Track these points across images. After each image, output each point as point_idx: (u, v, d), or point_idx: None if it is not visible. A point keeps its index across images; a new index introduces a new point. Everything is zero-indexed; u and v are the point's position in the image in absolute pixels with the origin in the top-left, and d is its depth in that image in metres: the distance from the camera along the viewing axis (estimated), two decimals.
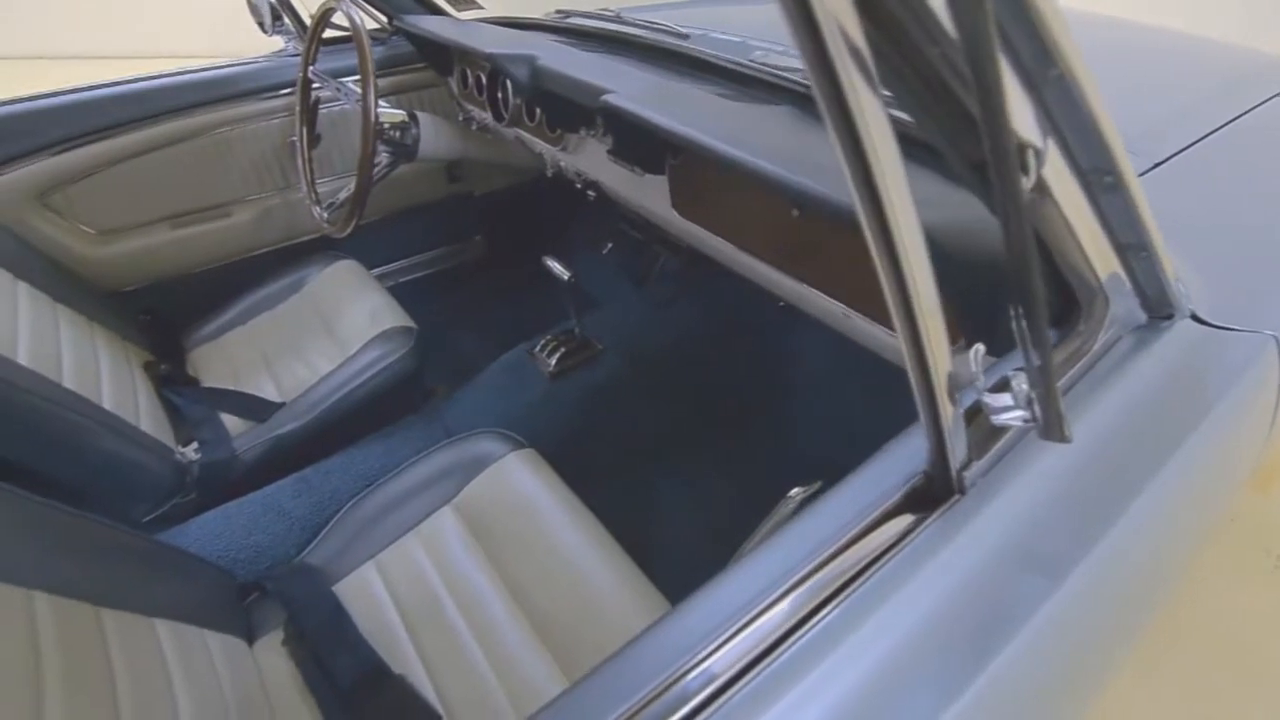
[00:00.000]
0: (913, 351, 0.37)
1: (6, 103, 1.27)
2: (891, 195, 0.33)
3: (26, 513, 0.68)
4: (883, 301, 0.75)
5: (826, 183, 0.66)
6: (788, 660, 0.41)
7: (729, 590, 0.47)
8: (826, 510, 0.48)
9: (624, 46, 1.18)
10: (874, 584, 0.43)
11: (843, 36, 0.29)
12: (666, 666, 0.42)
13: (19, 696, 0.56)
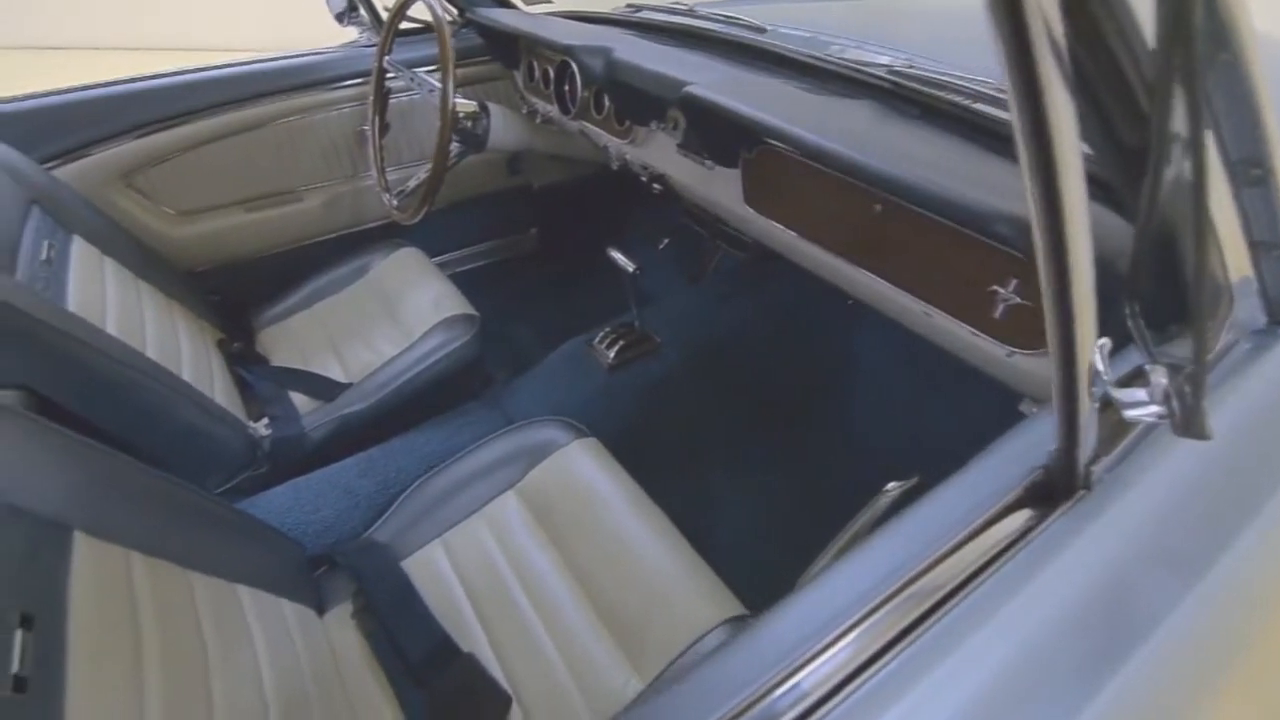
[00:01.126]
0: (1062, 342, 0.36)
1: (95, 86, 1.32)
2: (1071, 181, 0.32)
3: (123, 474, 0.71)
4: (966, 299, 0.74)
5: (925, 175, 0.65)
6: (896, 669, 0.39)
7: (826, 593, 0.45)
8: (934, 506, 0.47)
9: (697, 40, 1.18)
10: (993, 584, 0.41)
11: (1045, 26, 0.28)
12: (758, 676, 0.40)
13: (122, 652, 0.58)
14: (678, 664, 0.77)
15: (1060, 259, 0.34)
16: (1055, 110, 0.29)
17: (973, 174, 0.69)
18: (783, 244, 1.02)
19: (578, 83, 1.31)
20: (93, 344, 0.90)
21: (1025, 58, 0.28)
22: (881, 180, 0.67)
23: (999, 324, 0.74)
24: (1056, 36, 0.28)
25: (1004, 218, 0.60)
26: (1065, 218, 0.32)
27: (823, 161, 0.80)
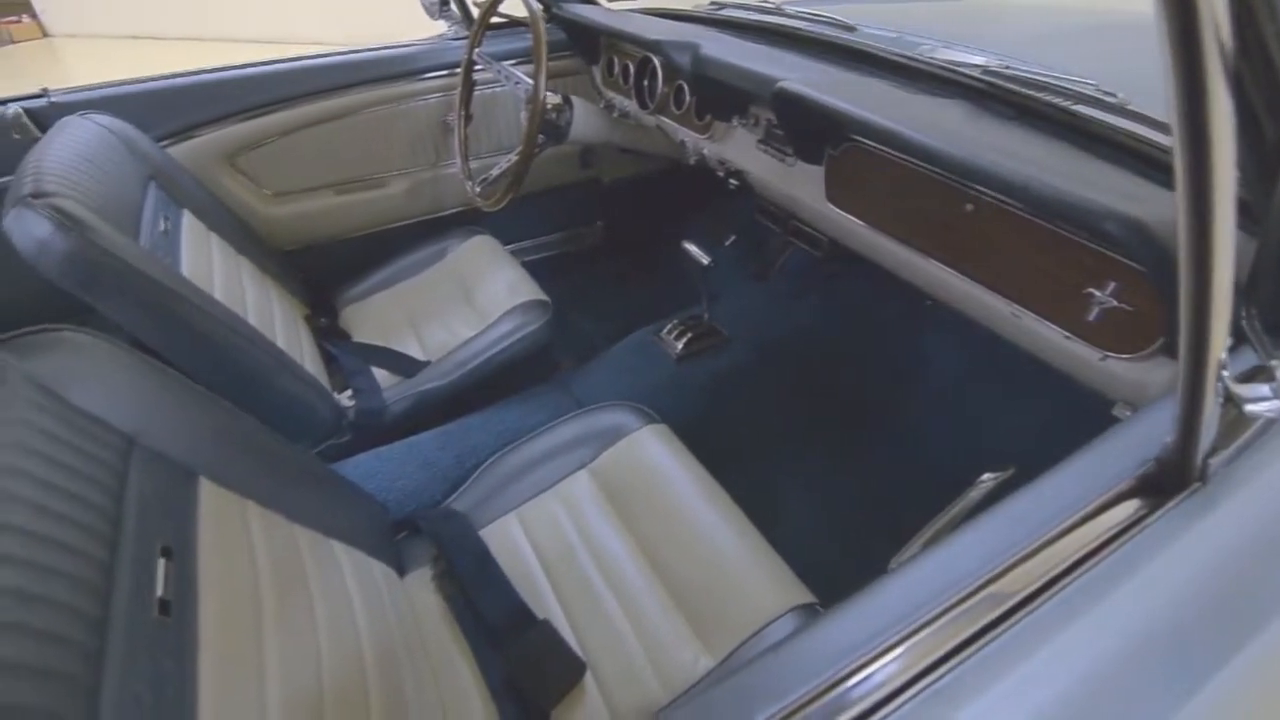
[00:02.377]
0: (1195, 337, 0.36)
1: (205, 72, 1.41)
2: (1223, 184, 0.32)
3: (240, 428, 0.76)
4: (1059, 301, 0.73)
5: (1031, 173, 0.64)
6: (981, 661, 0.39)
7: (911, 582, 0.45)
8: (1033, 496, 0.47)
9: (783, 38, 1.19)
10: (1097, 574, 0.41)
11: (1215, 33, 0.28)
12: (834, 663, 0.40)
13: (243, 591, 0.63)
14: (747, 645, 0.78)
15: (1204, 259, 0.34)
16: (1217, 115, 0.30)
17: (1076, 173, 0.68)
18: (863, 242, 1.02)
19: (659, 78, 1.33)
20: (205, 309, 0.97)
21: (1193, 63, 0.29)
22: (983, 176, 0.67)
23: (1093, 327, 0.73)
24: (1224, 39, 0.28)
25: (1115, 216, 0.59)
26: (1214, 220, 0.33)
27: (917, 158, 0.80)
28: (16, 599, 0.43)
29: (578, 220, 1.88)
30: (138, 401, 0.64)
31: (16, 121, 1.22)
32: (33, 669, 0.41)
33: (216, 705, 0.51)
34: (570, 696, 0.77)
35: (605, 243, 1.91)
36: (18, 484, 0.49)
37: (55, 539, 0.48)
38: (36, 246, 0.83)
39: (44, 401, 0.56)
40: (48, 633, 0.43)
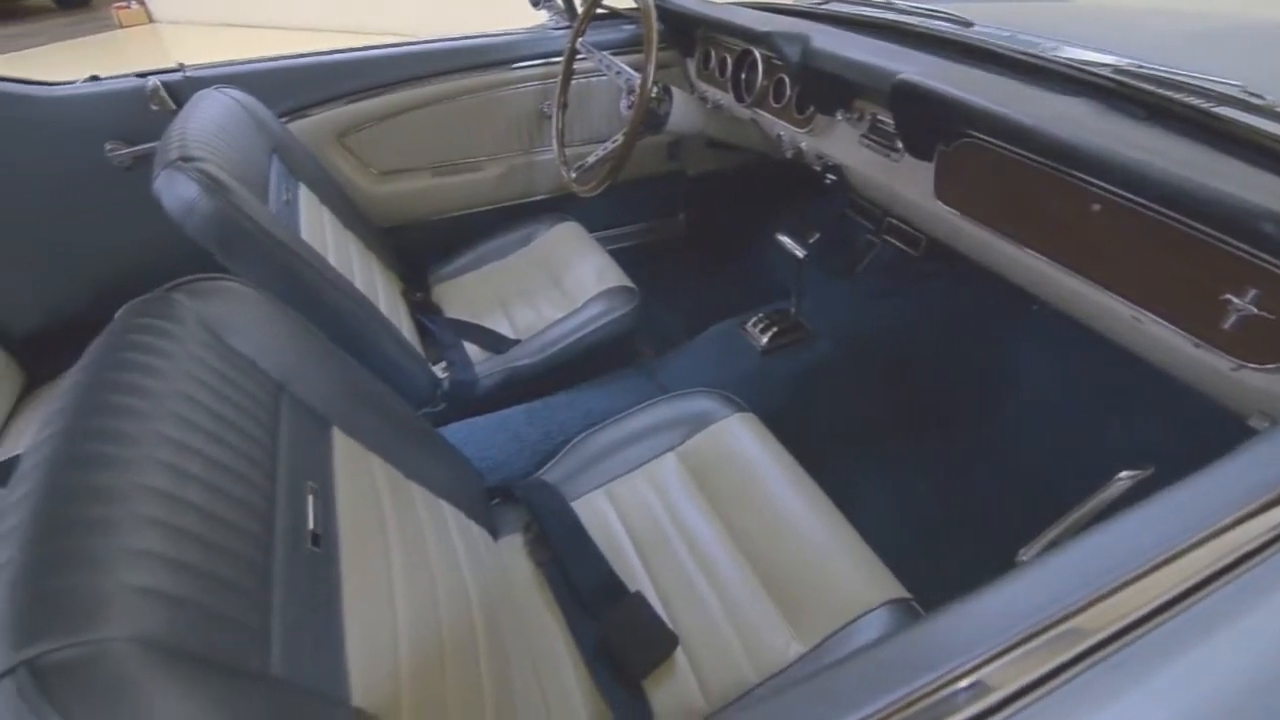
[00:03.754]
0: None
1: (320, 54, 1.48)
2: None
3: (366, 383, 0.80)
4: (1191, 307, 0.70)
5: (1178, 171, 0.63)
6: (1103, 673, 0.38)
7: (1031, 582, 0.43)
8: (1174, 501, 0.46)
9: (892, 34, 1.18)
10: (1242, 584, 0.40)
11: None
12: (943, 662, 0.38)
13: (373, 534, 0.66)
14: (840, 635, 0.78)
15: None
16: None
17: (1226, 174, 0.66)
18: (970, 241, 1.00)
19: (759, 71, 1.33)
20: (325, 274, 1.02)
21: None
22: (1124, 175, 0.66)
23: (1228, 335, 0.70)
24: None
25: (1275, 218, 0.57)
26: None
27: (1047, 155, 0.79)
28: (199, 515, 0.47)
29: (660, 212, 1.90)
30: (285, 351, 0.68)
31: (155, 93, 1.31)
32: (215, 578, 0.44)
33: (359, 636, 0.55)
34: (661, 668, 0.78)
35: (686, 235, 1.93)
36: (194, 411, 0.53)
37: (227, 465, 0.52)
38: (184, 207, 0.90)
39: (212, 341, 0.61)
40: (224, 547, 0.47)
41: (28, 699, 0.31)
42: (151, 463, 0.46)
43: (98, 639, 0.35)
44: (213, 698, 0.36)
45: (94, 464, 0.44)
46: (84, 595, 0.37)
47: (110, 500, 0.42)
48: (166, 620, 0.38)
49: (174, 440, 0.49)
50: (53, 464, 0.44)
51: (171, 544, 0.43)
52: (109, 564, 0.39)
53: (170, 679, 0.35)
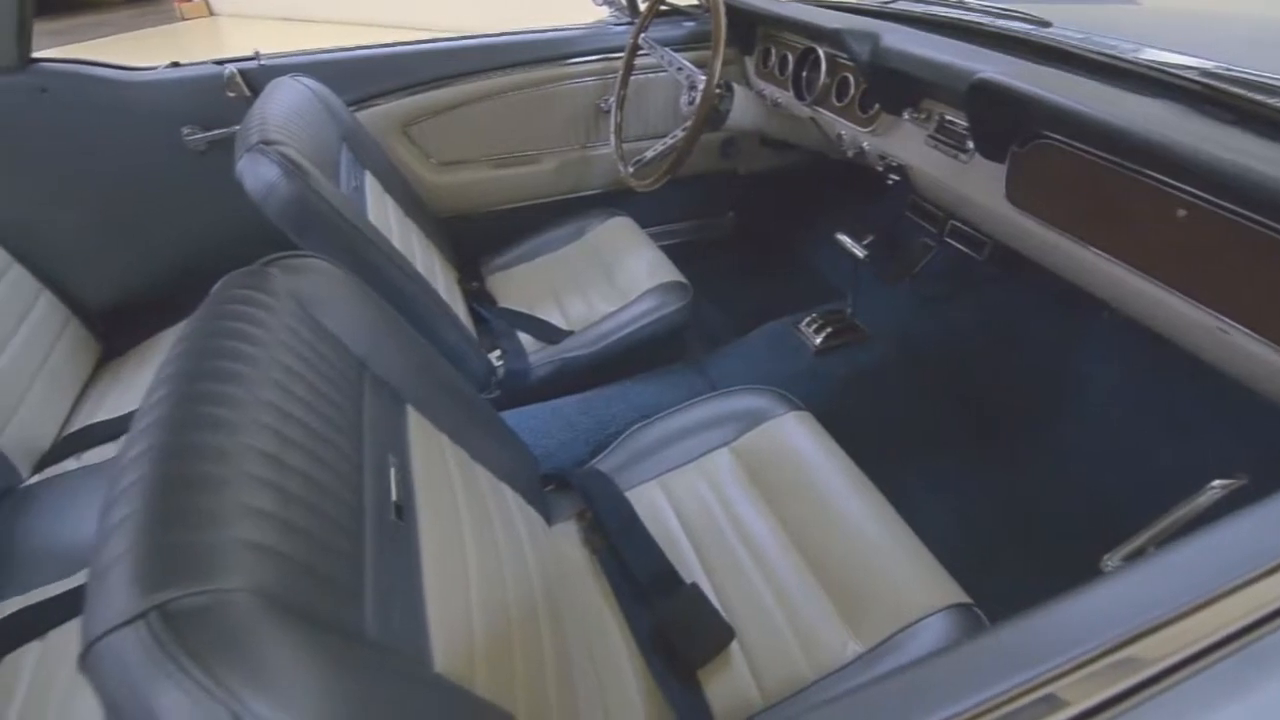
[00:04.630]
0: None
1: (389, 45, 1.52)
2: None
3: (437, 364, 0.82)
4: None
5: None
6: (1190, 691, 0.36)
7: (1112, 594, 0.41)
8: (1269, 514, 0.44)
9: (962, 33, 1.16)
10: None
11: None
12: (1018, 673, 0.37)
13: (446, 509, 0.68)
14: (899, 637, 0.77)
15: None
16: None
17: None
18: (1040, 246, 0.98)
19: (821, 69, 1.33)
20: (393, 259, 1.05)
21: None
22: (1219, 177, 0.64)
23: None
24: None
25: None
26: None
27: (1133, 158, 0.77)
28: (301, 478, 0.48)
29: (709, 210, 1.90)
30: (365, 329, 0.70)
31: (232, 80, 1.35)
32: (316, 539, 0.46)
33: (437, 607, 0.56)
34: (716, 660, 0.78)
35: (734, 234, 1.93)
36: (291, 380, 0.55)
37: (321, 433, 0.54)
38: (265, 188, 0.93)
39: (303, 315, 0.63)
40: (322, 510, 0.48)
41: (160, 641, 0.33)
42: (257, 426, 0.48)
43: (219, 589, 0.36)
44: (321, 652, 0.37)
45: (205, 425, 0.46)
46: (204, 548, 0.38)
47: (222, 459, 0.44)
48: (276, 576, 0.40)
49: (276, 406, 0.51)
50: (167, 424, 0.46)
51: (278, 504, 0.44)
52: (224, 519, 0.41)
53: (284, 631, 0.37)
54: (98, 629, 0.34)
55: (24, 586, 0.90)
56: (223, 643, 0.34)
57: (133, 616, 0.33)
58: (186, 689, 0.32)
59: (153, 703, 0.32)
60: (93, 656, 0.34)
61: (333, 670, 0.37)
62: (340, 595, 0.45)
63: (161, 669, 0.32)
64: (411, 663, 0.48)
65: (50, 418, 1.16)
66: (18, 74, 1.25)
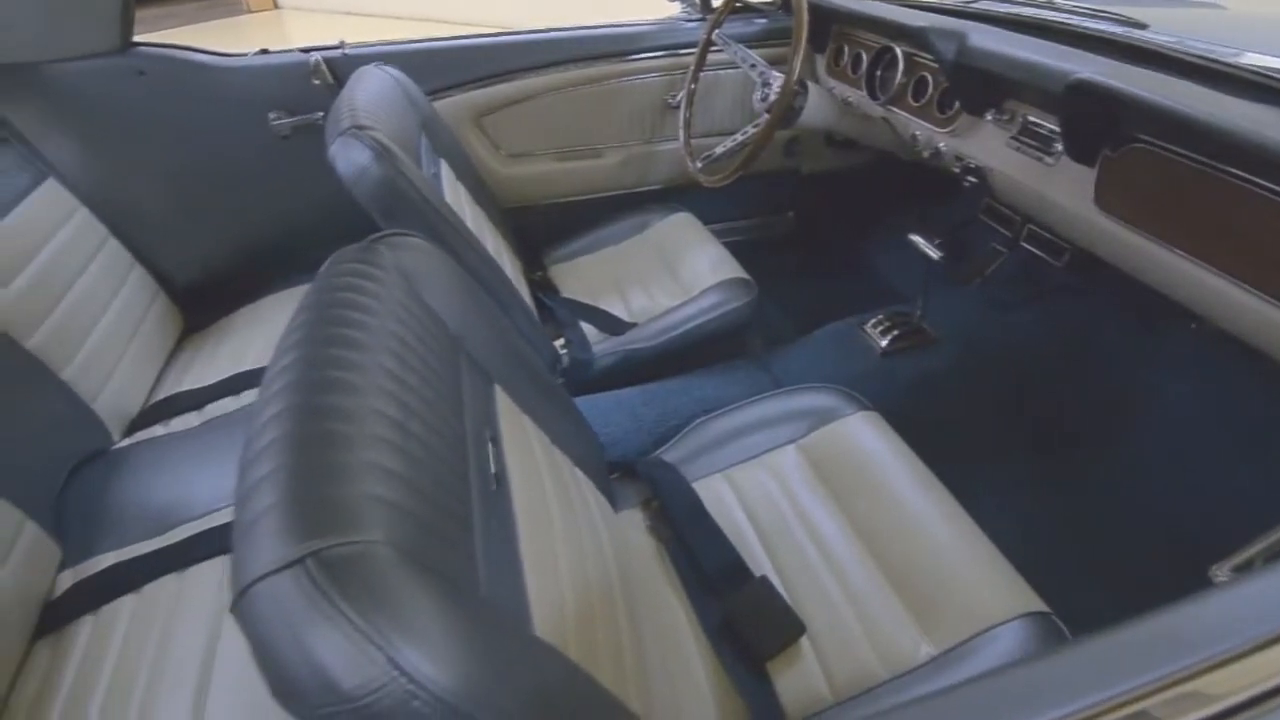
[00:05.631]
0: None
1: (464, 37, 1.55)
2: None
3: (520, 347, 0.83)
4: None
5: None
6: None
7: (1214, 610, 0.40)
8: None
9: (1050, 33, 1.14)
10: None
11: None
12: (1120, 681, 0.36)
13: (535, 485, 0.69)
14: (974, 642, 0.76)
15: None
16: None
17: None
18: (1129, 253, 0.96)
19: (898, 68, 1.31)
20: (470, 244, 1.07)
21: None
22: None
23: None
24: None
25: None
26: None
27: (1245, 164, 0.74)
28: (418, 442, 0.50)
29: (770, 209, 1.90)
30: (458, 307, 0.72)
31: (316, 68, 1.40)
32: (435, 500, 0.47)
33: (534, 575, 0.57)
34: (786, 653, 0.78)
35: (794, 234, 1.91)
36: (403, 349, 0.57)
37: (430, 401, 0.56)
38: (356, 171, 0.95)
39: (409, 289, 0.65)
40: (437, 473, 0.50)
41: (318, 585, 0.34)
42: (377, 390, 0.50)
43: (364, 540, 0.38)
44: (454, 607, 0.39)
45: (333, 388, 0.48)
46: (344, 501, 0.40)
47: (350, 419, 0.46)
48: (406, 532, 0.41)
49: (391, 372, 0.52)
50: (297, 387, 0.48)
51: (401, 464, 0.46)
52: (357, 476, 0.42)
53: (421, 584, 0.38)
54: (253, 573, 0.36)
55: (117, 543, 0.95)
56: (372, 591, 0.35)
57: (290, 562, 0.35)
58: (346, 632, 0.33)
59: (311, 644, 0.33)
60: (249, 599, 0.35)
61: (466, 624, 0.38)
62: (459, 555, 0.46)
63: (321, 612, 0.33)
64: (519, 623, 0.50)
65: (139, 385, 1.22)
66: (119, 57, 1.31)
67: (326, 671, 0.33)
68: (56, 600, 0.89)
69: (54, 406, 1.02)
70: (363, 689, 0.32)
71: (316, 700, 0.33)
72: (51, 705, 0.79)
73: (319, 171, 1.46)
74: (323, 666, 0.33)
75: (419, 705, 0.33)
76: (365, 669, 0.32)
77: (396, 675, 0.33)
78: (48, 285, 1.09)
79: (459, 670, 0.34)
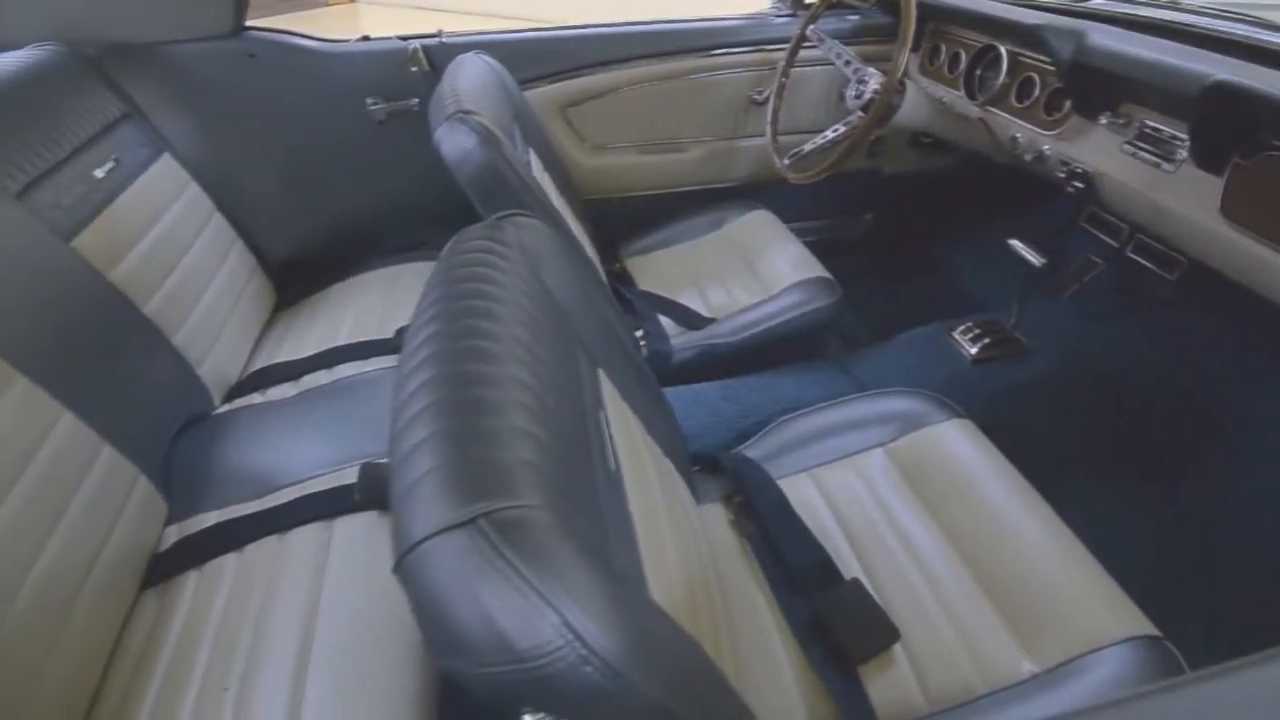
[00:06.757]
0: None
1: (554, 28, 1.56)
2: None
3: (621, 332, 0.84)
4: None
5: None
6: None
7: None
8: None
9: (1162, 32, 1.08)
10: None
11: None
12: None
13: (641, 472, 0.69)
14: (1079, 662, 0.73)
15: None
16: None
17: None
18: (1259, 267, 0.90)
19: (1000, 67, 1.27)
20: (563, 229, 1.08)
21: None
22: None
23: None
24: None
25: None
26: None
27: None
28: (551, 411, 0.50)
29: (848, 209, 1.86)
30: (570, 289, 0.73)
31: (414, 55, 1.43)
32: (571, 467, 0.48)
33: (648, 559, 0.57)
34: (878, 659, 0.77)
35: (871, 235, 1.88)
36: (534, 324, 0.57)
37: (560, 378, 0.56)
38: (461, 155, 0.97)
39: (530, 267, 0.65)
40: (571, 442, 0.50)
41: (494, 544, 0.35)
42: (515, 360, 0.50)
43: (526, 505, 0.38)
44: (606, 575, 0.39)
45: (474, 356, 0.49)
46: (501, 465, 0.40)
47: (495, 385, 0.47)
48: (555, 499, 0.42)
49: (525, 344, 0.53)
50: (441, 357, 0.49)
51: (544, 432, 0.46)
52: (508, 441, 0.43)
53: (577, 551, 0.38)
54: (422, 531, 0.36)
55: (219, 503, 0.99)
56: (542, 554, 0.35)
57: (462, 521, 0.35)
58: (523, 592, 0.33)
59: (487, 602, 0.33)
60: (418, 555, 0.36)
61: (623, 594, 0.38)
62: (594, 524, 0.47)
63: (499, 571, 0.34)
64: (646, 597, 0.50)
65: (238, 355, 1.27)
66: (232, 40, 1.37)
67: (500, 630, 0.33)
68: (163, 553, 0.94)
69: (166, 370, 1.07)
70: (537, 650, 0.33)
71: (486, 658, 0.34)
72: (159, 656, 0.83)
73: (409, 157, 1.51)
74: (497, 625, 0.33)
75: (590, 671, 0.33)
76: (542, 630, 0.33)
77: (572, 639, 0.33)
78: (162, 254, 1.14)
79: (625, 638, 0.34)
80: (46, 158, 1.00)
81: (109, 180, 1.10)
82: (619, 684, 0.34)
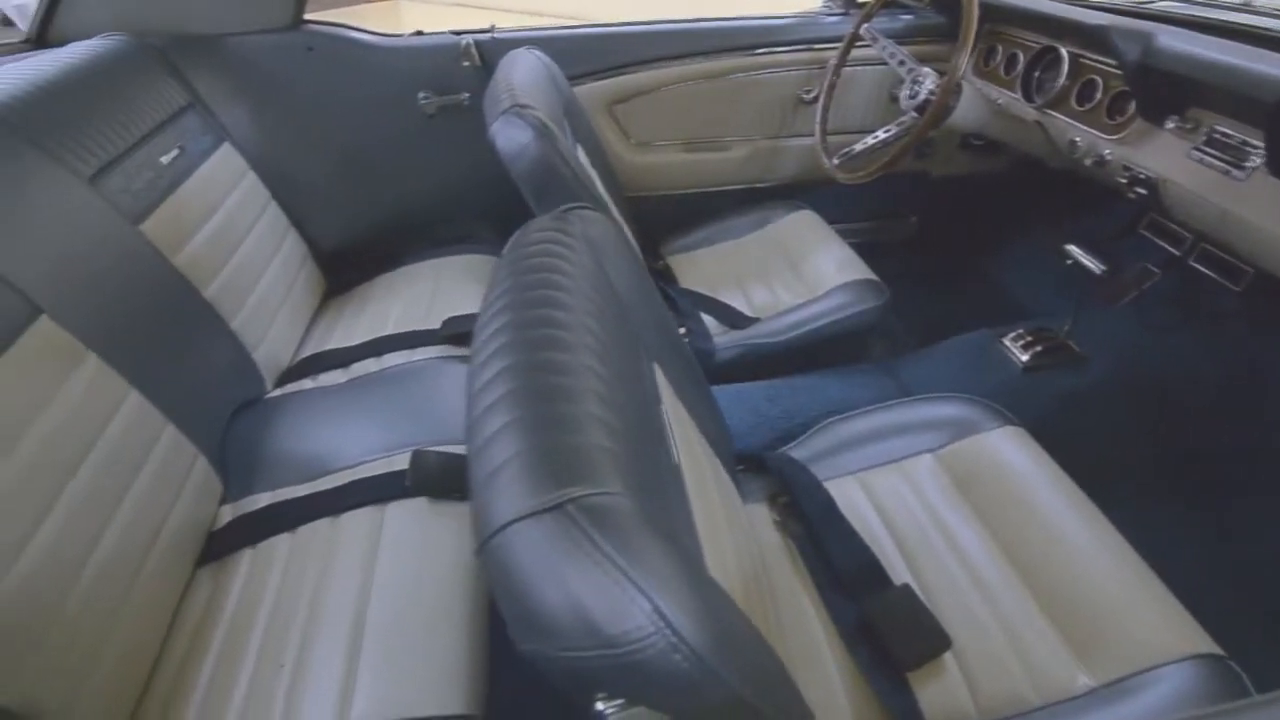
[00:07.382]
0: None
1: (603, 25, 1.57)
2: None
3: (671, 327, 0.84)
4: None
5: None
6: None
7: None
8: None
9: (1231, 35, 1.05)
10: None
11: None
12: None
13: (697, 473, 0.69)
14: (1137, 679, 0.71)
15: None
16: None
17: None
18: None
19: (1060, 69, 1.24)
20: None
21: None
22: None
23: None
24: None
25: None
26: None
27: None
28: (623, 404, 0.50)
29: (892, 212, 1.84)
30: (627, 282, 0.73)
31: (467, 50, 1.45)
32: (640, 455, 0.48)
33: (708, 547, 0.57)
34: (929, 666, 0.76)
35: (915, 238, 1.85)
36: (601, 315, 0.58)
37: (626, 369, 0.56)
38: (517, 149, 0.98)
39: (595, 258, 0.66)
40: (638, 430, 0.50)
41: (583, 529, 0.35)
42: (585, 348, 0.51)
43: (608, 491, 0.38)
44: (682, 562, 0.39)
45: (546, 345, 0.49)
46: (582, 451, 0.41)
47: (569, 373, 0.47)
48: (632, 487, 0.42)
49: (595, 333, 0.53)
50: (515, 347, 0.49)
51: (618, 420, 0.46)
52: (586, 427, 0.43)
53: (656, 536, 0.38)
54: (507, 516, 0.36)
55: (272, 484, 1.01)
56: (629, 542, 0.36)
57: (550, 506, 0.36)
58: (614, 578, 0.33)
59: (574, 586, 0.34)
60: (504, 539, 0.36)
61: (702, 582, 0.38)
62: (662, 510, 0.47)
63: (589, 556, 0.34)
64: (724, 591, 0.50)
65: (289, 341, 1.30)
66: (291, 32, 1.40)
67: (589, 614, 0.33)
68: (219, 531, 0.96)
69: (224, 353, 1.10)
70: (627, 636, 0.33)
71: (571, 642, 0.34)
72: (215, 630, 0.85)
73: (458, 150, 1.53)
74: (585, 609, 0.33)
75: (680, 660, 0.33)
76: (632, 616, 0.33)
77: (663, 627, 0.33)
78: (222, 240, 1.17)
79: (712, 628, 0.35)
80: (117, 144, 1.04)
81: (173, 167, 1.13)
82: (705, 673, 0.34)
